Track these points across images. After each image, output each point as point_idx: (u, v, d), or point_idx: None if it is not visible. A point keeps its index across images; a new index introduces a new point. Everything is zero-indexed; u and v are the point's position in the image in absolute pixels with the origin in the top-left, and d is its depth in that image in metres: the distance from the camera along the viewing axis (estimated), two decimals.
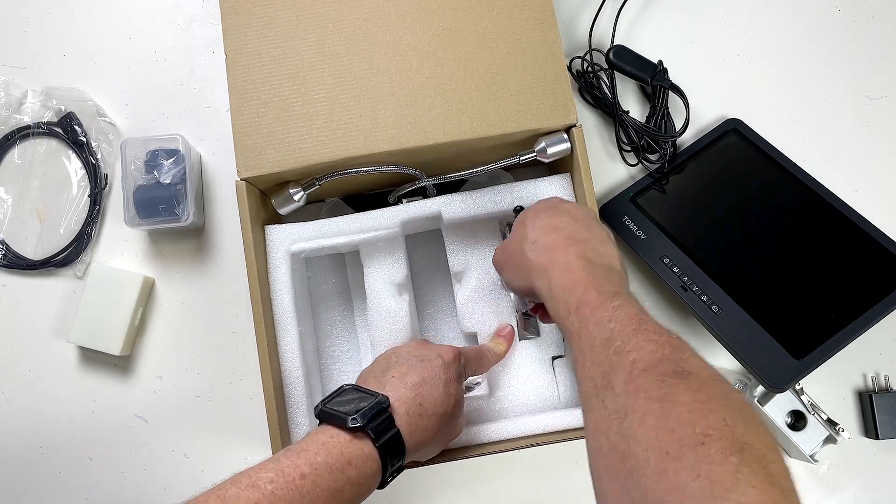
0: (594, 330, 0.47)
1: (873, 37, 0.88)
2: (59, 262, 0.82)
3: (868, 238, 0.73)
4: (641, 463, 0.37)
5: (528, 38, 0.69)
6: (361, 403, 0.53)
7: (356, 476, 0.50)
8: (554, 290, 0.52)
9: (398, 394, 0.56)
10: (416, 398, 0.56)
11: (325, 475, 0.49)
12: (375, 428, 0.52)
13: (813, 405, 0.76)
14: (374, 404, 0.53)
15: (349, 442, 0.51)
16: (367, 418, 0.52)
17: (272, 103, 0.68)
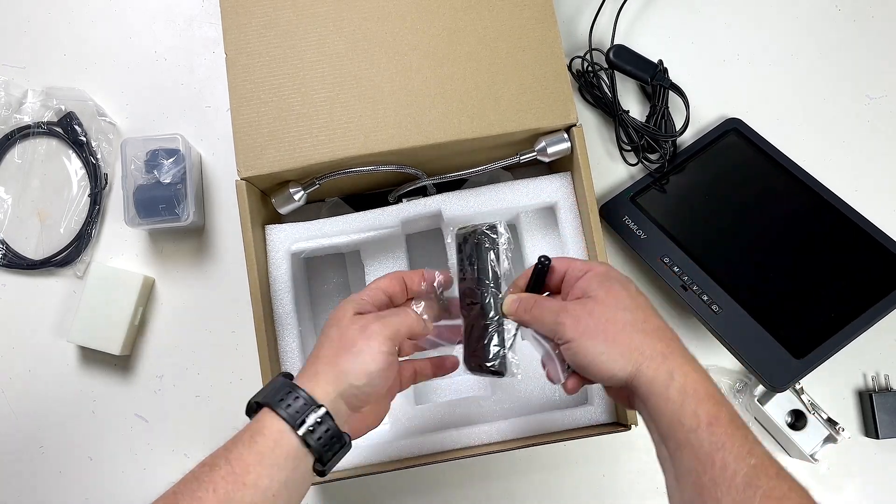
0: (733, 463, 0.44)
1: (873, 37, 0.88)
2: (59, 261, 0.82)
3: (868, 238, 0.73)
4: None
5: (528, 38, 0.69)
6: (308, 417, 0.48)
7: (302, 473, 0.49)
8: (680, 391, 0.47)
9: (329, 387, 0.50)
10: (347, 389, 0.50)
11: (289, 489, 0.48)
12: (320, 445, 0.49)
13: (813, 405, 0.76)
14: (320, 418, 0.49)
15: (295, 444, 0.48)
16: (320, 444, 0.48)
17: (272, 103, 0.68)
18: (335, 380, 0.50)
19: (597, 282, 0.52)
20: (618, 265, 0.82)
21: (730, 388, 0.79)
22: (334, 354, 0.51)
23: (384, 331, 0.52)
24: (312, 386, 0.50)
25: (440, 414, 0.71)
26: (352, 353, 0.51)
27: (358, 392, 0.51)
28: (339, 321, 0.53)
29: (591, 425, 0.70)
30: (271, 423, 0.48)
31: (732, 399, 0.78)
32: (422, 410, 0.72)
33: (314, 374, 0.51)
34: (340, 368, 0.50)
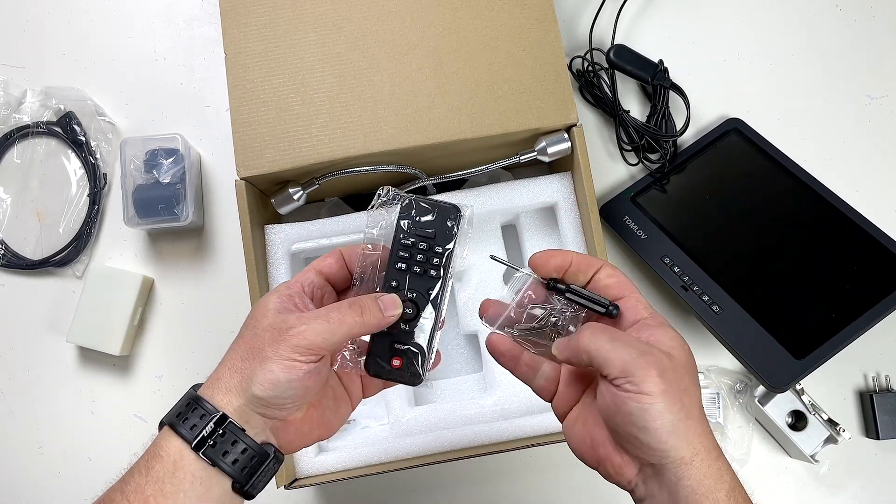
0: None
1: (874, 36, 0.88)
2: (58, 261, 0.82)
3: (868, 238, 0.73)
4: None
5: (528, 38, 0.69)
6: (230, 446, 0.42)
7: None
8: (729, 495, 0.42)
9: (232, 396, 0.43)
10: (252, 400, 0.43)
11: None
12: (230, 462, 0.43)
13: (813, 405, 0.76)
14: (223, 430, 0.42)
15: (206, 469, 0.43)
16: (228, 462, 0.42)
17: (271, 103, 0.68)
18: (238, 387, 0.43)
19: (676, 338, 0.43)
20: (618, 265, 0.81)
21: (730, 388, 0.79)
22: (241, 359, 0.44)
23: (301, 339, 0.43)
24: (213, 394, 0.43)
25: (440, 414, 0.71)
26: (258, 359, 0.43)
27: (264, 403, 0.43)
28: (256, 321, 0.45)
29: None
30: (168, 443, 0.42)
31: (733, 399, 0.78)
32: (421, 411, 0.71)
33: (216, 379, 0.44)
34: (244, 375, 0.43)
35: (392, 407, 0.71)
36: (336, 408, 0.49)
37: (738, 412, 0.78)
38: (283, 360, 0.42)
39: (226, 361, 0.45)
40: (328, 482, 0.68)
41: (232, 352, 0.45)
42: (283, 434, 0.46)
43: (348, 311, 0.45)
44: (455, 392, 0.77)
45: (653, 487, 0.42)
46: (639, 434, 0.40)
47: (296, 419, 0.46)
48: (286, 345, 0.43)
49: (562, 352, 0.45)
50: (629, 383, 0.40)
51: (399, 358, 0.48)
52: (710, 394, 0.79)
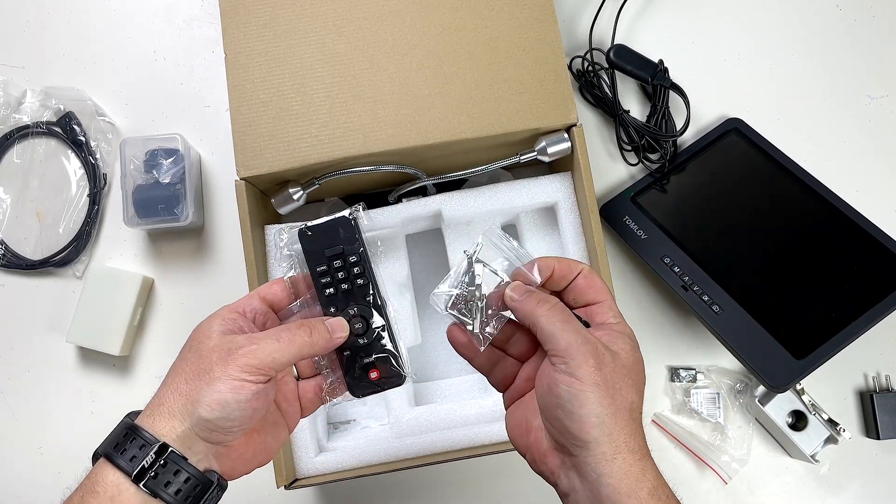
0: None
1: (874, 36, 0.88)
2: (58, 261, 0.82)
3: (869, 238, 0.73)
4: None
5: (528, 38, 0.69)
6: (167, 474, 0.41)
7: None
8: (651, 494, 0.41)
9: (175, 421, 0.42)
10: (199, 423, 0.42)
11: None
12: (172, 493, 0.42)
13: (814, 405, 0.76)
14: (164, 460, 0.41)
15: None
16: (171, 492, 0.41)
17: (271, 103, 0.67)
18: (182, 411, 0.42)
19: (629, 344, 0.44)
20: (618, 265, 0.82)
21: (730, 388, 0.79)
22: (185, 381, 0.43)
23: (251, 359, 0.42)
24: (154, 421, 0.42)
25: (440, 414, 0.71)
26: (205, 380, 0.42)
27: (211, 426, 0.42)
28: (199, 342, 0.44)
29: None
30: (104, 476, 0.41)
31: (733, 399, 0.78)
32: (421, 411, 0.71)
33: (158, 404, 0.43)
34: (189, 398, 0.42)
35: (392, 407, 0.71)
36: (275, 432, 0.49)
37: (738, 412, 0.78)
38: (231, 380, 0.42)
39: (167, 385, 0.43)
40: (328, 482, 0.68)
41: (174, 375, 0.44)
42: (225, 460, 0.45)
43: (298, 331, 0.45)
44: (455, 392, 0.77)
45: (574, 482, 0.42)
46: (564, 418, 0.41)
47: (238, 444, 0.45)
48: (235, 364, 0.42)
49: (519, 302, 0.45)
50: (565, 364, 0.42)
51: (375, 369, 0.49)
52: (710, 394, 0.79)
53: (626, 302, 0.81)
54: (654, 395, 0.80)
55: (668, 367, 0.80)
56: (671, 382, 0.80)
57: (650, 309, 0.81)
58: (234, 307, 0.47)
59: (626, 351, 0.44)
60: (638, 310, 0.81)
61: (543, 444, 0.45)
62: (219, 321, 0.46)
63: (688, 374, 0.79)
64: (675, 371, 0.79)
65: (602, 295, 0.46)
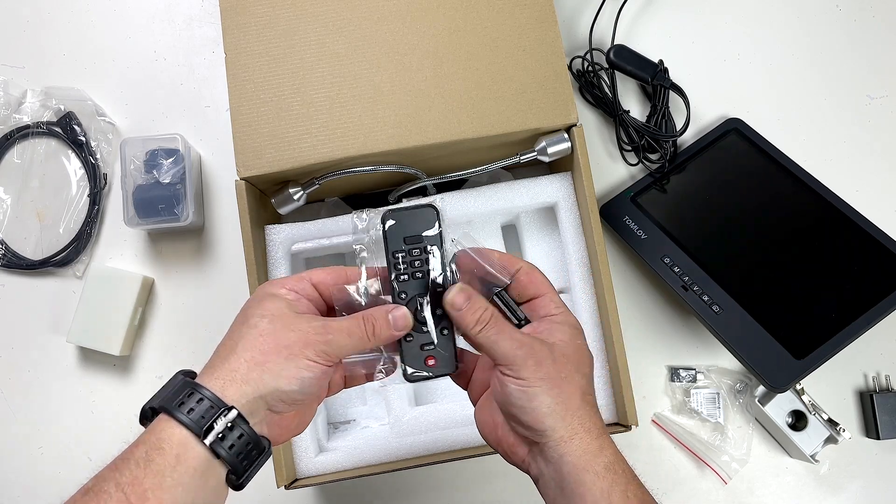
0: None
1: (874, 36, 0.88)
2: (58, 261, 0.82)
3: (869, 238, 0.73)
4: None
5: (528, 38, 0.69)
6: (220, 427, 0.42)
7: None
8: (608, 469, 0.45)
9: (248, 388, 0.43)
10: (273, 393, 0.44)
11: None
12: (234, 454, 0.43)
13: (814, 405, 0.76)
14: (231, 422, 0.42)
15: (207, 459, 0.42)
16: (233, 454, 0.42)
17: (272, 103, 0.68)
18: (258, 380, 0.43)
19: (568, 332, 0.48)
20: (618, 265, 0.82)
21: (730, 388, 0.79)
22: (261, 352, 0.44)
23: (328, 348, 0.45)
24: (224, 384, 0.43)
25: (440, 414, 0.71)
26: (284, 355, 0.44)
27: (286, 397, 0.44)
28: (273, 317, 0.46)
29: None
30: (171, 433, 0.41)
31: (733, 399, 0.78)
32: (421, 411, 0.71)
33: (229, 370, 0.44)
34: (267, 368, 0.44)
35: (392, 407, 0.71)
36: (312, 406, 0.51)
37: (738, 412, 0.78)
38: (308, 360, 0.45)
39: (238, 351, 0.45)
40: (328, 482, 0.68)
41: (247, 342, 0.45)
42: (275, 428, 0.47)
43: (363, 328, 0.48)
44: (455, 392, 0.77)
45: (541, 466, 0.46)
46: (519, 414, 0.46)
47: (290, 415, 0.48)
48: (313, 347, 0.45)
49: (459, 315, 0.48)
50: (510, 370, 0.46)
51: (432, 357, 0.50)
52: (710, 394, 0.79)
53: (626, 302, 0.81)
54: (654, 395, 0.80)
55: (668, 367, 0.80)
56: (671, 382, 0.80)
57: (650, 309, 0.81)
58: (289, 287, 0.48)
59: (565, 341, 0.47)
60: (638, 310, 0.81)
61: (510, 437, 0.48)
62: (285, 302, 0.47)
63: (688, 374, 0.79)
64: (675, 371, 0.79)
65: (543, 288, 0.50)
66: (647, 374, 0.80)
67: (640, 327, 0.81)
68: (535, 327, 0.48)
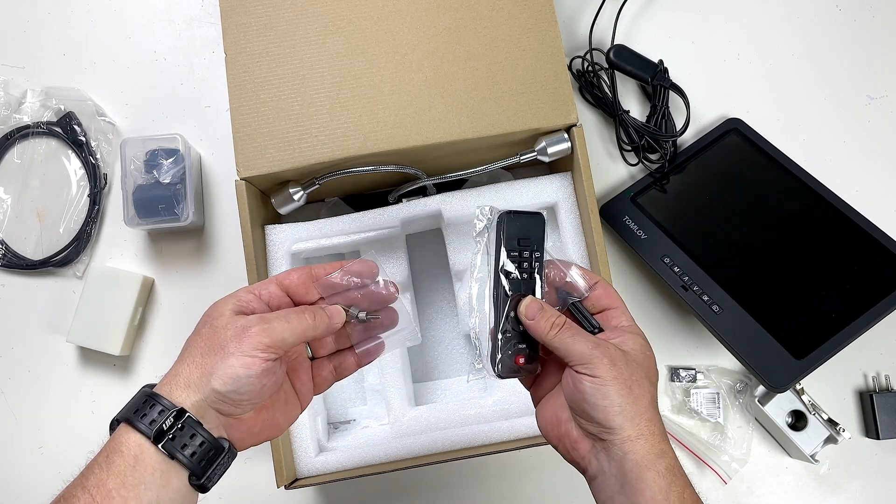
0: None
1: (874, 36, 0.88)
2: (58, 261, 0.82)
3: (868, 238, 0.73)
4: None
5: (528, 38, 0.69)
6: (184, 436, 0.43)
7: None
8: (669, 470, 0.46)
9: (191, 391, 0.45)
10: (211, 395, 0.44)
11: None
12: (189, 455, 0.44)
13: (813, 405, 0.76)
14: (182, 424, 0.44)
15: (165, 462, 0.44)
16: (188, 455, 0.44)
17: (272, 103, 0.68)
18: (197, 382, 0.45)
19: (640, 343, 0.51)
20: (618, 265, 0.82)
21: (730, 388, 0.79)
22: (200, 355, 0.46)
23: (262, 337, 0.45)
24: (171, 390, 0.45)
25: (440, 414, 0.71)
26: (219, 355, 0.45)
27: (223, 398, 0.44)
28: (213, 319, 0.47)
29: None
30: (128, 437, 0.43)
31: (733, 399, 0.78)
32: (421, 411, 0.71)
33: (174, 375, 0.45)
34: (204, 370, 0.45)
35: (392, 407, 0.71)
36: (286, 410, 0.51)
37: (738, 412, 0.78)
38: (243, 357, 0.45)
39: (183, 359, 0.46)
40: (328, 482, 0.68)
41: (190, 349, 0.47)
42: (234, 432, 0.48)
43: (303, 315, 0.48)
44: (455, 392, 0.78)
45: (603, 462, 0.48)
46: (590, 410, 0.47)
47: (248, 418, 0.48)
48: (248, 342, 0.45)
49: (533, 322, 0.51)
50: (585, 368, 0.48)
51: (521, 356, 0.52)
52: (710, 394, 0.79)
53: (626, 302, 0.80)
54: None
55: (668, 367, 0.80)
56: (671, 382, 0.80)
57: (650, 309, 0.82)
58: (250, 289, 0.50)
59: (637, 350, 0.50)
60: (638, 310, 0.81)
61: (573, 434, 0.50)
62: (234, 301, 0.48)
63: (688, 374, 0.79)
64: (675, 371, 0.80)
65: (616, 302, 0.53)
66: None
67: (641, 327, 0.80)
68: (609, 335, 0.50)
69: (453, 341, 0.80)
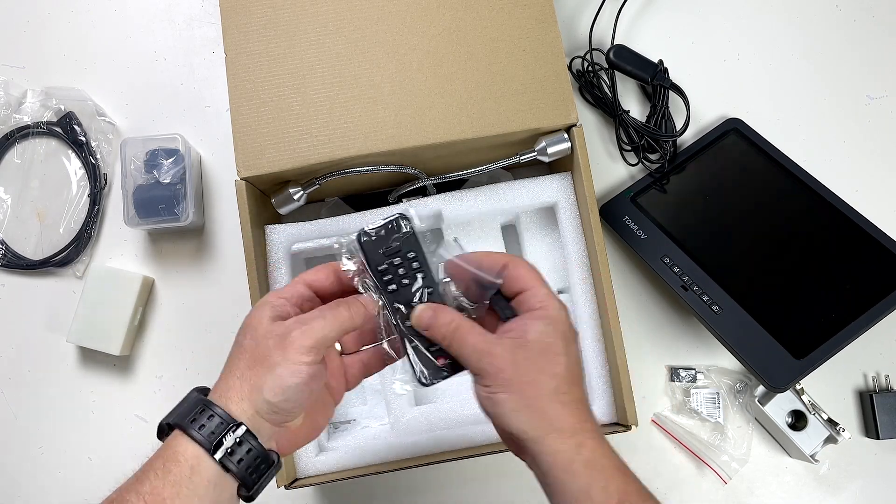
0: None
1: (874, 36, 0.88)
2: (58, 261, 0.82)
3: (868, 238, 0.73)
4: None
5: (528, 38, 0.69)
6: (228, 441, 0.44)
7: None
8: (587, 465, 0.45)
9: (245, 404, 0.45)
10: (263, 406, 0.45)
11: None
12: (243, 468, 0.44)
13: (813, 405, 0.76)
14: (240, 438, 0.44)
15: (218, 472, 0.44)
16: (242, 468, 0.44)
17: (272, 103, 0.68)
18: (250, 395, 0.45)
19: (540, 328, 0.47)
20: (618, 265, 0.82)
21: (730, 388, 0.79)
22: (247, 367, 0.46)
23: (305, 340, 0.45)
24: (226, 402, 0.45)
25: (440, 414, 0.71)
26: (265, 366, 0.45)
27: (275, 409, 0.45)
28: (254, 329, 0.47)
29: None
30: (185, 447, 0.43)
31: (733, 399, 0.78)
32: (421, 411, 0.71)
33: (227, 388, 0.45)
34: (253, 383, 0.45)
35: (392, 407, 0.71)
36: (324, 409, 0.52)
37: (738, 412, 0.78)
38: (290, 364, 0.45)
39: (231, 371, 0.46)
40: (328, 482, 0.68)
41: (236, 360, 0.47)
42: (283, 439, 0.49)
43: (338, 308, 0.48)
44: (455, 392, 0.77)
45: (530, 463, 0.48)
46: (492, 419, 0.47)
47: (294, 425, 0.49)
48: (292, 349, 0.45)
49: (428, 327, 0.50)
50: (479, 376, 0.47)
51: (441, 356, 0.51)
52: (710, 394, 0.79)
53: (626, 302, 0.81)
54: (653, 395, 0.80)
55: (667, 367, 0.80)
56: (671, 382, 0.80)
57: (650, 309, 0.82)
58: (280, 293, 0.49)
59: (539, 335, 0.47)
60: (638, 310, 0.81)
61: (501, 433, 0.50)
62: (269, 308, 0.48)
63: (688, 374, 0.79)
64: (674, 371, 0.80)
65: (528, 281, 0.49)
66: (647, 374, 0.80)
67: (640, 327, 0.81)
68: (513, 325, 0.48)
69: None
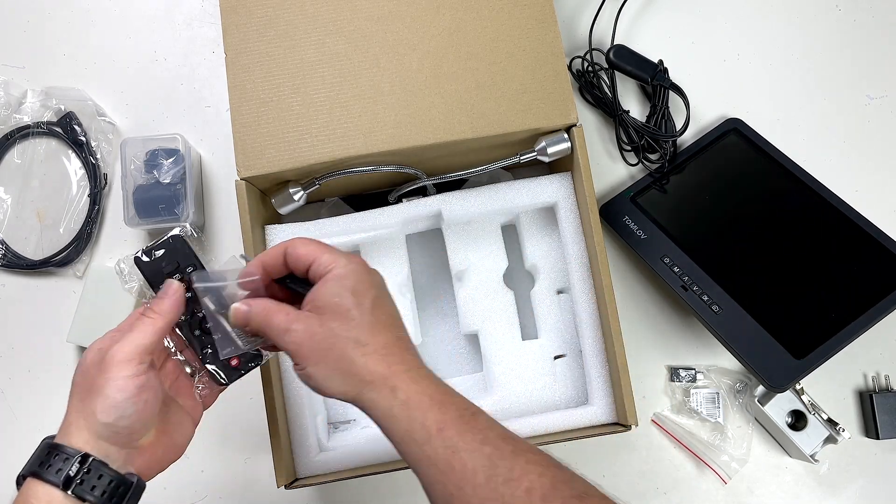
0: (470, 461, 0.43)
1: (874, 37, 0.88)
2: (58, 261, 0.82)
3: (868, 238, 0.73)
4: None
5: (528, 38, 0.69)
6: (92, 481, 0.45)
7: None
8: (404, 406, 0.45)
9: (85, 433, 0.47)
10: (102, 430, 0.47)
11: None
12: (100, 496, 0.46)
13: (813, 405, 0.76)
14: (88, 468, 0.46)
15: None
16: (98, 496, 0.45)
17: (272, 103, 0.68)
18: (87, 424, 0.46)
19: (328, 289, 0.48)
20: (618, 265, 0.82)
21: (730, 388, 0.79)
22: (79, 400, 0.47)
23: (121, 354, 0.47)
24: (68, 438, 0.46)
25: None
26: (93, 392, 0.47)
27: (114, 429, 0.46)
28: (81, 366, 0.49)
29: (591, 426, 0.70)
30: (37, 491, 0.44)
31: (733, 399, 0.78)
32: None
33: (67, 425, 0.47)
34: (88, 412, 0.46)
35: None
36: (180, 429, 0.53)
37: (738, 412, 0.78)
38: (113, 382, 0.46)
39: (69, 410, 0.48)
40: (328, 482, 0.68)
41: (71, 399, 0.49)
42: (139, 462, 0.49)
43: (143, 315, 0.50)
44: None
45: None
46: (316, 392, 0.48)
47: (148, 444, 0.50)
48: (112, 365, 0.47)
49: (241, 319, 0.50)
50: (291, 357, 0.48)
51: (234, 358, 0.54)
52: (710, 394, 0.79)
53: (625, 302, 0.81)
54: (653, 395, 0.80)
55: (667, 367, 0.80)
56: (671, 382, 0.80)
57: (650, 309, 0.82)
58: (114, 329, 0.51)
59: (328, 298, 0.47)
60: (638, 310, 0.81)
61: None
62: (96, 343, 0.50)
63: (687, 374, 0.79)
64: (674, 371, 0.80)
65: (311, 254, 0.49)
66: (647, 374, 0.80)
67: (640, 327, 0.81)
68: (308, 297, 0.49)
69: (453, 341, 0.80)
